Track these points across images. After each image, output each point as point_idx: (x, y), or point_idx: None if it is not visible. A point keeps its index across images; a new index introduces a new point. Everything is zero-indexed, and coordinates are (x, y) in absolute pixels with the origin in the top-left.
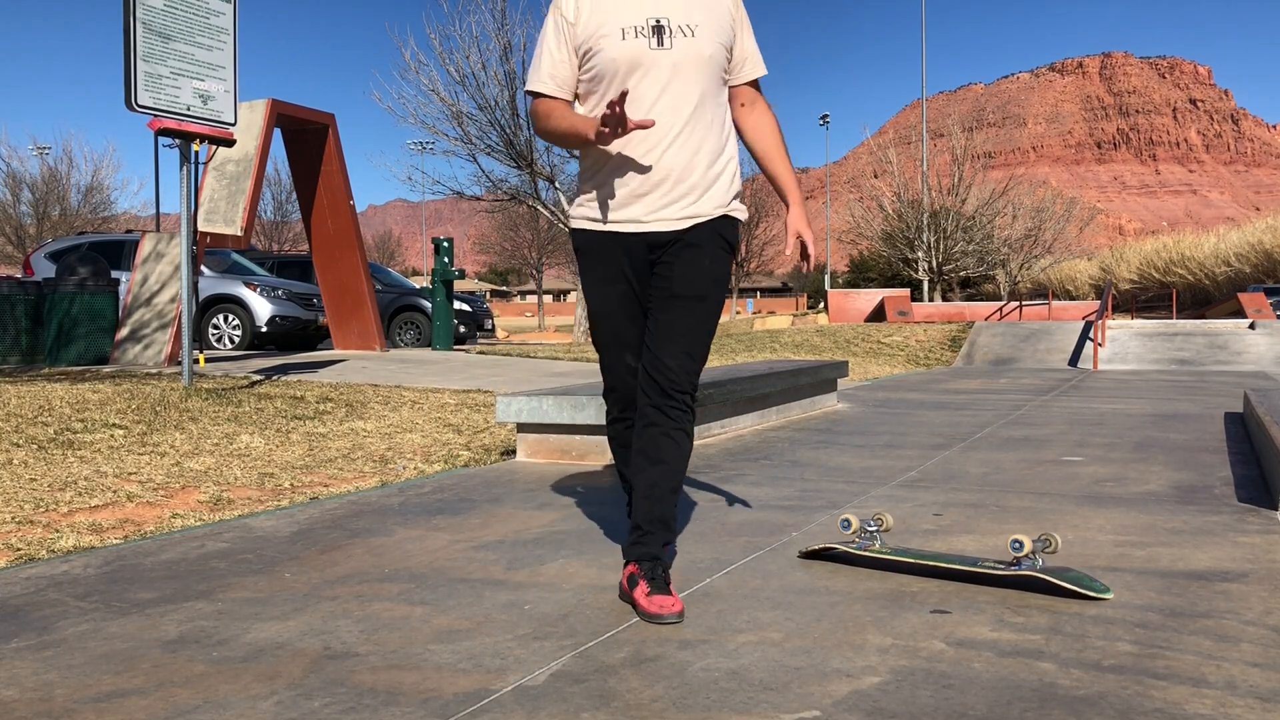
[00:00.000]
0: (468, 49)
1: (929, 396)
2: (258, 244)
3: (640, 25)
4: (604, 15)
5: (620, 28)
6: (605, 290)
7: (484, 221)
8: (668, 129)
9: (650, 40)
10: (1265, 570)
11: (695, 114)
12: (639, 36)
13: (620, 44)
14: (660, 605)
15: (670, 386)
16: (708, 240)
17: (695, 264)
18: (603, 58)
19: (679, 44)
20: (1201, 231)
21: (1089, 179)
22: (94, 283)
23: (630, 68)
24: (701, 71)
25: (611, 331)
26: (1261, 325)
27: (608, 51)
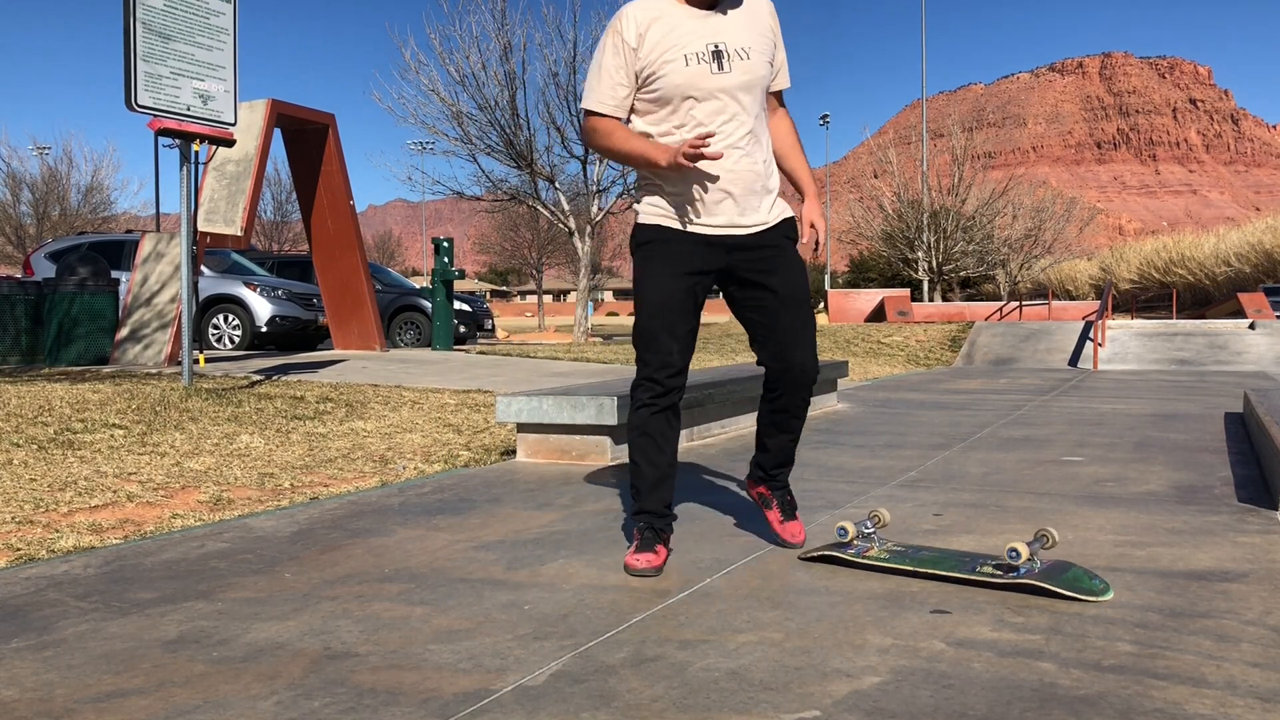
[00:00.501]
0: (468, 49)
1: (929, 396)
2: (258, 244)
3: (701, 51)
4: (667, 42)
5: (683, 54)
6: (670, 284)
7: (484, 221)
8: (733, 146)
9: (711, 65)
10: (1265, 570)
11: (754, 129)
12: (700, 62)
13: (684, 70)
14: (792, 532)
15: (807, 380)
16: (786, 242)
17: (793, 266)
18: (667, 82)
19: (737, 67)
20: (1201, 231)
21: (1089, 179)
22: (94, 283)
23: (693, 91)
24: (755, 90)
25: (667, 324)
26: (1261, 325)
27: (672, 77)
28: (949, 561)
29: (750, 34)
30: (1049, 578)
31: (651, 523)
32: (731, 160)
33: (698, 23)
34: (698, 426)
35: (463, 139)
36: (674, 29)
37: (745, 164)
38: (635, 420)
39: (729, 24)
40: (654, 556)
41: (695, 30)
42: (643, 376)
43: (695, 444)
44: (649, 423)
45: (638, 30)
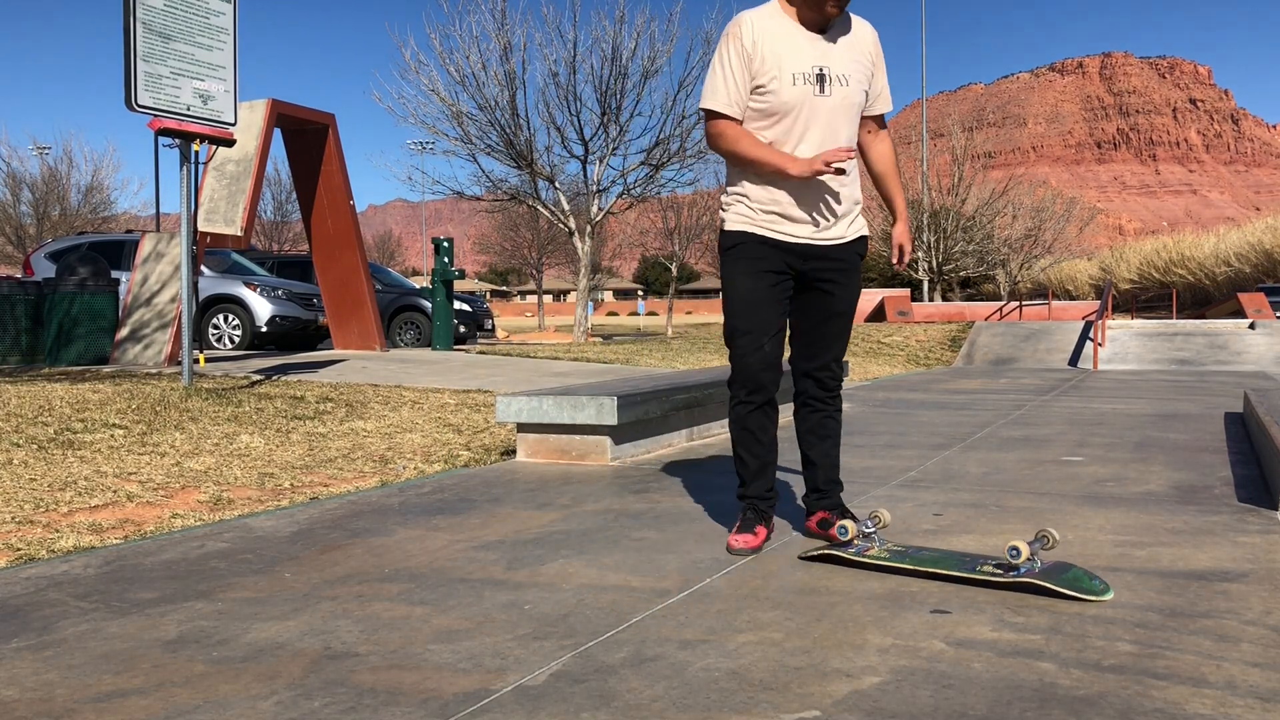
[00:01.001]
0: (468, 49)
1: (929, 396)
2: (258, 244)
3: (807, 72)
4: (777, 57)
5: (791, 73)
6: (759, 283)
7: (484, 221)
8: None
9: (815, 87)
10: (1265, 570)
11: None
12: (806, 83)
13: (791, 88)
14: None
15: (832, 382)
16: (855, 263)
17: (851, 286)
18: (775, 98)
19: (836, 92)
20: (1201, 231)
21: (1089, 179)
22: (94, 283)
23: (797, 109)
24: (850, 114)
25: (758, 319)
26: (1261, 325)
27: (780, 94)
28: (949, 561)
29: (851, 61)
30: (1049, 577)
31: (755, 505)
32: (815, 185)
33: (808, 44)
34: (697, 426)
35: (463, 139)
36: (787, 46)
37: (826, 193)
38: (734, 416)
39: (835, 49)
40: (753, 537)
41: (805, 51)
42: (737, 374)
43: (695, 443)
44: (747, 418)
45: (754, 38)
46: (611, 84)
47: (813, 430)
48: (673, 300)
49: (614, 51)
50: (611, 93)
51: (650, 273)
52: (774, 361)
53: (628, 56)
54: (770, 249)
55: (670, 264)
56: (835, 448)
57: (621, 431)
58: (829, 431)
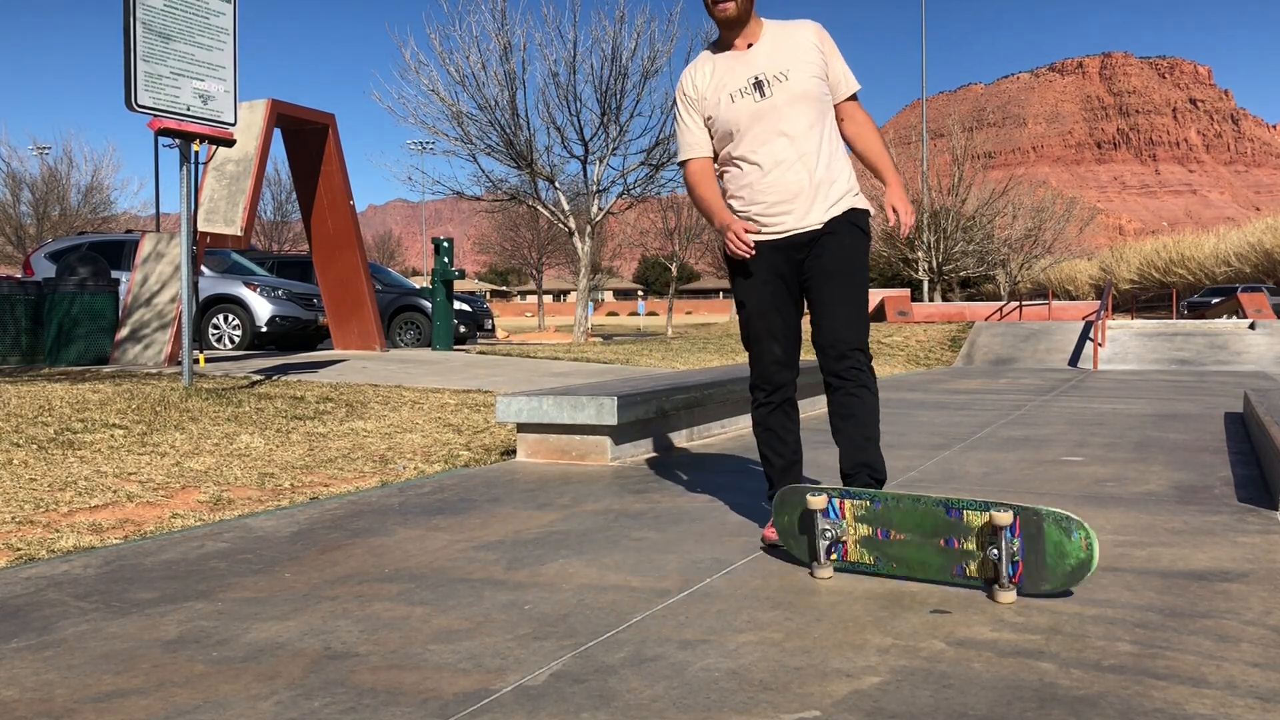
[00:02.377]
0: (468, 49)
1: (929, 396)
2: (258, 244)
3: (743, 87)
4: (714, 88)
5: (729, 93)
6: (759, 290)
7: (484, 221)
8: (787, 157)
9: (754, 95)
10: (1265, 570)
11: (805, 139)
12: (744, 96)
13: (731, 106)
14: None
15: (844, 347)
16: (844, 228)
17: (838, 246)
18: (722, 120)
19: (778, 89)
20: (1201, 231)
21: (1089, 179)
22: (94, 283)
23: (744, 119)
24: (805, 104)
25: (764, 325)
26: (1261, 325)
27: (724, 114)
28: (930, 563)
29: (787, 57)
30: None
31: None
32: (780, 174)
33: (738, 63)
34: (698, 426)
35: (463, 139)
36: (720, 75)
37: (793, 177)
38: (756, 417)
39: (764, 56)
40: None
41: (736, 70)
42: (755, 377)
43: (695, 443)
44: (768, 419)
45: (694, 82)
46: (611, 84)
47: (835, 411)
48: (673, 300)
49: (614, 51)
50: (611, 93)
51: (650, 273)
52: (788, 361)
53: (628, 56)
54: (765, 250)
55: (670, 264)
56: (859, 429)
57: (621, 431)
58: (850, 410)
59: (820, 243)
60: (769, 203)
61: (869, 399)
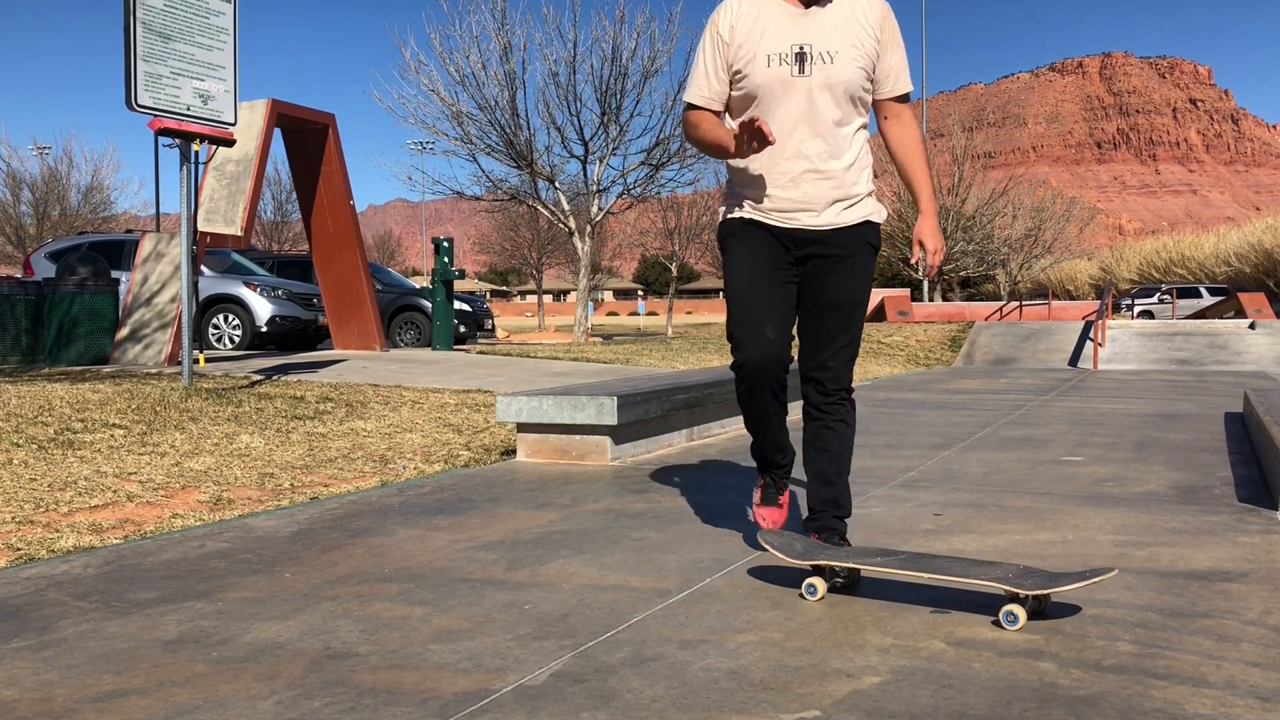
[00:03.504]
0: (468, 49)
1: (929, 396)
2: (258, 244)
3: (785, 53)
4: (754, 40)
5: (767, 54)
6: (751, 267)
7: (484, 221)
8: (810, 150)
9: (793, 67)
10: (1265, 570)
11: (834, 131)
12: (783, 64)
13: (765, 70)
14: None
15: (831, 384)
16: (858, 250)
17: (849, 274)
18: (750, 81)
19: (818, 70)
20: (1201, 231)
21: (1089, 179)
22: (94, 283)
23: (774, 91)
24: (838, 94)
25: (755, 305)
26: (1261, 325)
27: (754, 77)
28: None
29: (841, 37)
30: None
31: (771, 475)
32: (797, 169)
33: (788, 23)
34: (698, 426)
35: (463, 139)
36: (764, 27)
37: (811, 177)
38: (740, 399)
39: (821, 25)
40: (778, 512)
41: (784, 30)
42: (737, 358)
43: (695, 443)
44: (751, 402)
45: (731, 23)
46: (611, 84)
47: (810, 441)
48: (673, 300)
49: (614, 51)
50: (611, 93)
51: (650, 273)
52: (777, 352)
53: (628, 56)
54: (764, 234)
55: (670, 264)
56: (832, 463)
57: (621, 431)
58: (826, 444)
59: (828, 262)
60: (779, 196)
61: (846, 432)
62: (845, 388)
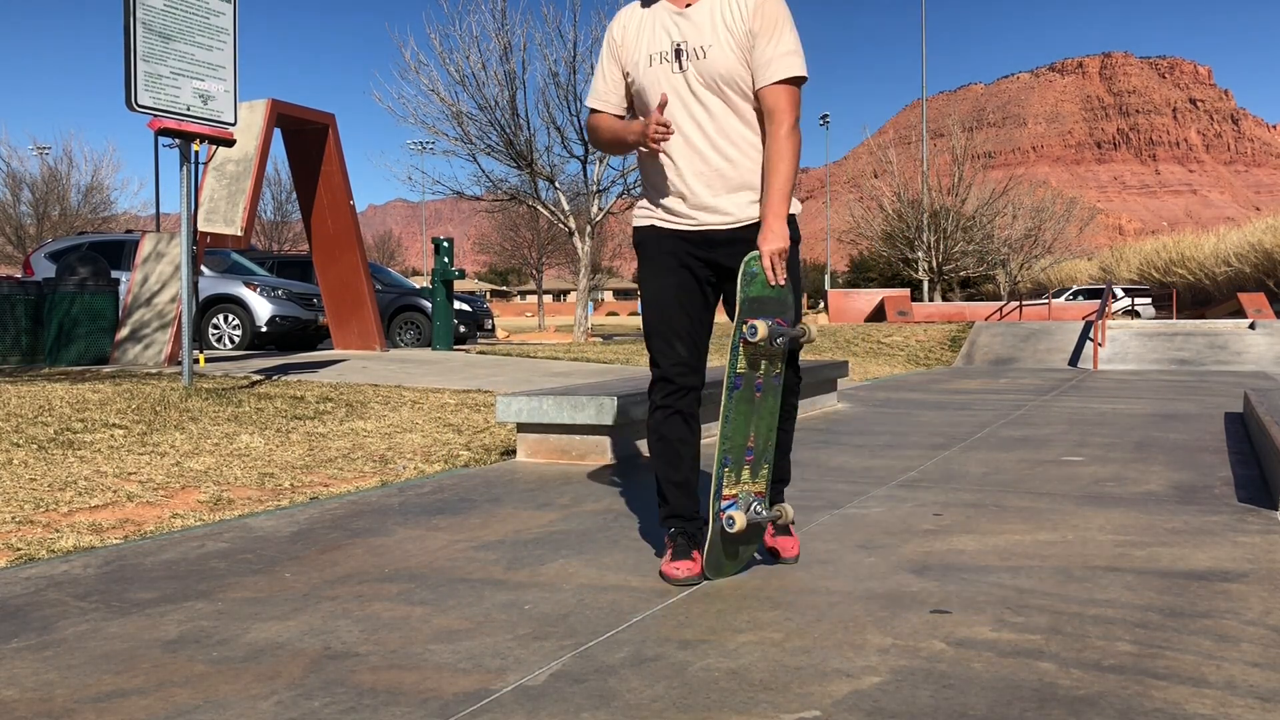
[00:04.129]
0: (468, 49)
1: (929, 396)
2: (258, 244)
3: (665, 51)
4: (640, 43)
5: (649, 54)
6: (660, 281)
7: (484, 221)
8: (696, 141)
9: (672, 65)
10: (1265, 570)
11: (719, 125)
12: (663, 62)
13: (648, 70)
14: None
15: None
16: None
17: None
18: (637, 82)
19: (692, 66)
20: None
21: (1089, 179)
22: (94, 283)
23: (657, 89)
24: (718, 88)
25: (664, 319)
26: (1261, 325)
27: (640, 77)
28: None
29: (714, 30)
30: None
31: (684, 528)
32: (686, 159)
33: (670, 21)
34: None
35: (463, 139)
36: (649, 30)
37: (699, 164)
38: (652, 424)
39: (696, 22)
40: (692, 564)
41: (663, 31)
42: (655, 376)
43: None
44: (663, 425)
45: (623, 26)
46: None
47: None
48: None
49: None
50: None
51: None
52: (690, 364)
53: None
54: (672, 241)
55: None
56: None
57: (621, 431)
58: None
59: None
60: (676, 185)
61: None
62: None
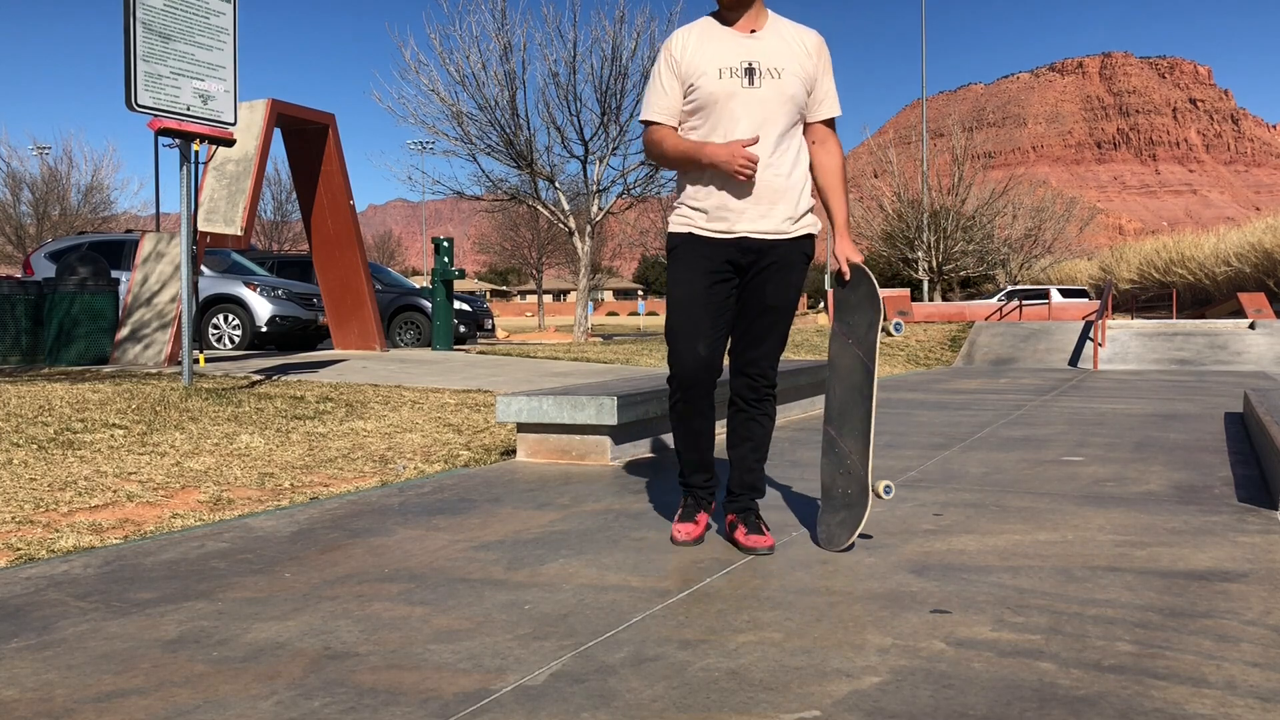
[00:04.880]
0: (468, 49)
1: (929, 396)
2: (258, 244)
3: (735, 66)
4: (705, 56)
5: (718, 67)
6: (692, 287)
7: (484, 221)
8: (766, 152)
9: (743, 80)
10: (1265, 570)
11: (780, 142)
12: (734, 76)
13: (717, 81)
14: (755, 541)
15: (761, 382)
16: (796, 260)
17: (785, 283)
18: (702, 92)
19: (768, 84)
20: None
21: (1089, 179)
22: (94, 283)
23: (724, 102)
24: (785, 107)
25: (691, 321)
26: (1261, 325)
27: (706, 87)
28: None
29: (787, 57)
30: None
31: (696, 495)
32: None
33: (736, 43)
34: None
35: (463, 139)
36: (715, 46)
37: (767, 175)
38: (671, 412)
39: (766, 46)
40: (694, 526)
41: (732, 49)
42: (673, 371)
43: None
44: (682, 415)
45: (683, 44)
46: (611, 84)
47: (735, 430)
48: None
49: (614, 51)
50: (611, 93)
51: (650, 273)
52: (711, 363)
53: (628, 56)
54: (710, 247)
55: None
56: (755, 452)
57: (621, 431)
58: (750, 434)
59: (768, 270)
60: (731, 196)
61: (769, 425)
62: (773, 384)
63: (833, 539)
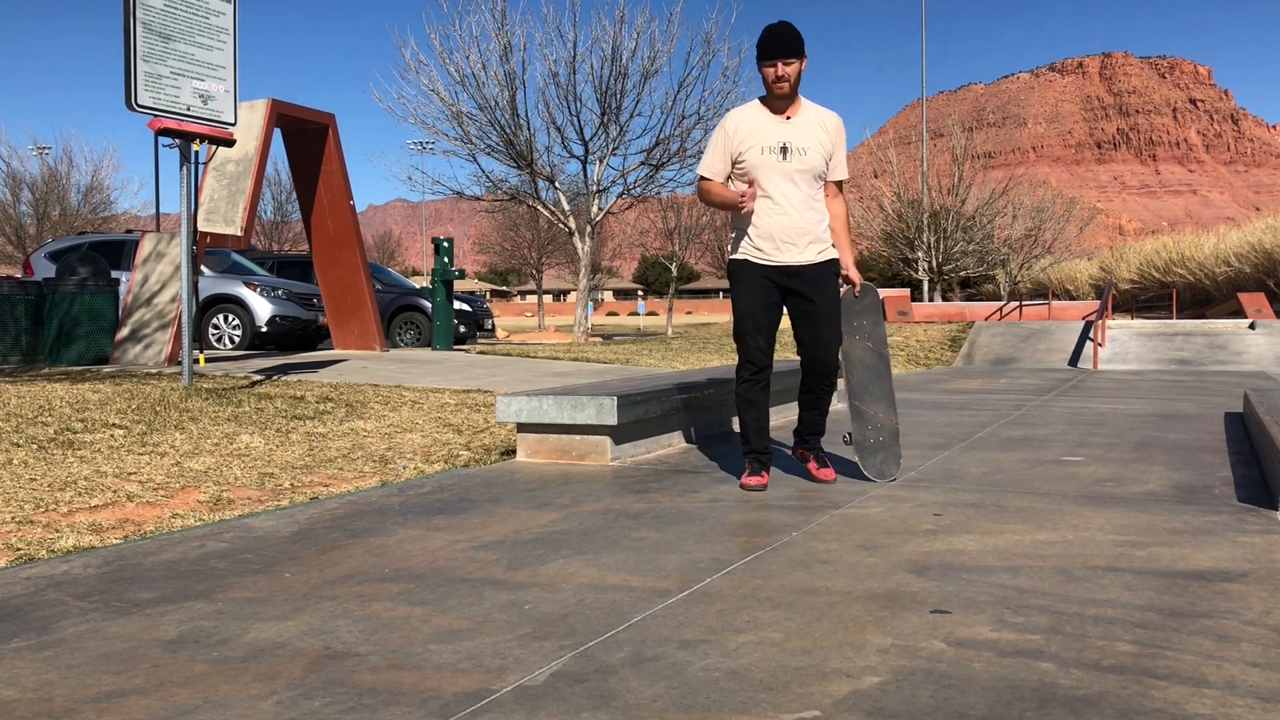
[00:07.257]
0: (468, 49)
1: (929, 396)
2: (258, 244)
3: (772, 145)
4: (751, 136)
5: (760, 146)
6: (752, 298)
7: (484, 221)
8: (796, 206)
9: (778, 155)
10: (1265, 570)
11: (808, 198)
12: (771, 153)
13: (759, 156)
14: (825, 475)
15: (828, 370)
16: (828, 276)
17: (826, 293)
18: (748, 164)
19: (795, 159)
20: (1201, 231)
21: (1089, 179)
22: (94, 283)
23: (763, 170)
24: (809, 175)
25: (754, 322)
26: (1261, 325)
27: (751, 160)
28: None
29: (812, 139)
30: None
31: (759, 457)
32: (789, 219)
33: (775, 126)
34: (698, 426)
35: (463, 139)
36: (758, 129)
37: (797, 220)
38: (739, 390)
39: (797, 129)
40: (760, 479)
41: (772, 131)
42: (742, 360)
43: (695, 443)
44: (749, 392)
45: (735, 126)
46: (611, 84)
47: (806, 402)
48: (673, 300)
49: (614, 51)
50: (611, 93)
51: (650, 273)
52: (768, 350)
53: (628, 56)
54: (760, 270)
55: (670, 264)
56: (819, 414)
57: (621, 431)
58: (816, 404)
59: (805, 285)
60: (776, 241)
61: (829, 397)
62: (834, 368)
63: (884, 472)
